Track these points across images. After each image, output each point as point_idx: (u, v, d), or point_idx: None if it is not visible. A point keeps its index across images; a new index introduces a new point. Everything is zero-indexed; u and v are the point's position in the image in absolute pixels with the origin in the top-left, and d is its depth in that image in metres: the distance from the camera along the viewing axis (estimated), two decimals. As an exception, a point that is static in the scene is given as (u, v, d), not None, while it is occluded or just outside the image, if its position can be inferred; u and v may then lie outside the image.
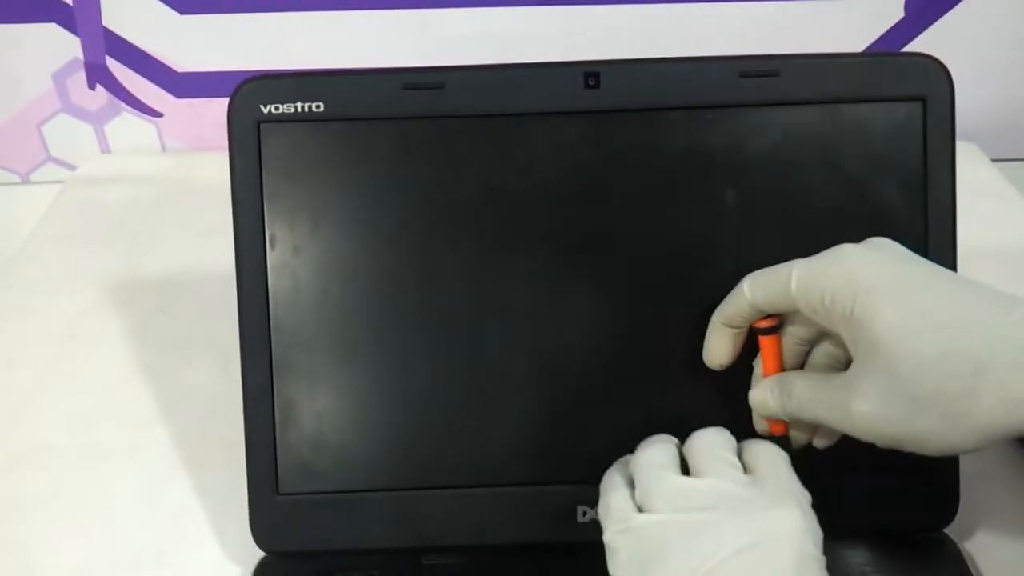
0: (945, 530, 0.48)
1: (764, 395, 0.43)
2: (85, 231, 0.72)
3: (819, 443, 0.44)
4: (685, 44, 0.75)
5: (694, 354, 0.46)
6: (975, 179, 0.46)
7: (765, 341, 0.43)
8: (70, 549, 0.49)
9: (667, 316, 0.46)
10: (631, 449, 0.46)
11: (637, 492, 0.39)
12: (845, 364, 0.41)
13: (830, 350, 0.43)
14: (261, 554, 0.47)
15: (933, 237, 0.46)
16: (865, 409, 0.38)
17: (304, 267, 0.46)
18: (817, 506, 0.38)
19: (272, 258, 0.46)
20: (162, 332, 0.63)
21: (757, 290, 0.42)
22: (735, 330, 0.44)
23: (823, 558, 0.37)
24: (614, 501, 0.39)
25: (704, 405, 0.46)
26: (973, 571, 0.46)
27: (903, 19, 0.75)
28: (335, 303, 0.46)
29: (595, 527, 0.46)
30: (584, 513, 0.46)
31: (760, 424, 0.44)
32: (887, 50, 0.75)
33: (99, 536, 0.50)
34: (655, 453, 0.40)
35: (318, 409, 0.46)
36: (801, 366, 0.44)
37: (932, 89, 0.46)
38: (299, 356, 0.46)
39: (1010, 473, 0.52)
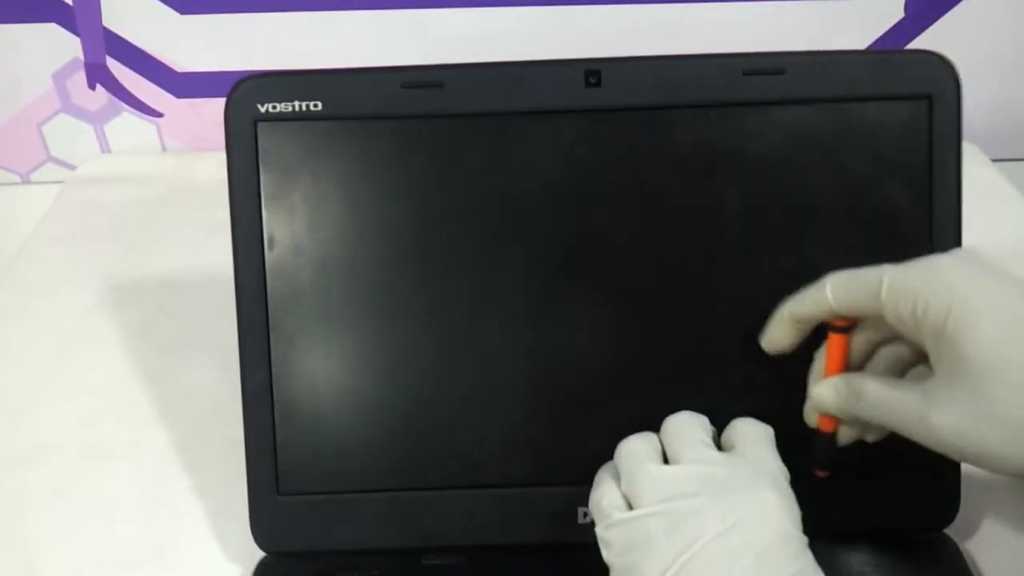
0: (946, 530, 0.48)
1: (829, 393, 0.42)
2: (85, 231, 0.72)
3: (869, 438, 0.44)
4: (684, 44, 0.75)
5: (694, 354, 0.46)
6: (975, 179, 0.46)
7: (836, 339, 0.42)
8: (70, 549, 0.49)
9: (667, 316, 0.46)
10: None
11: (623, 486, 0.40)
12: (908, 367, 0.42)
13: (897, 353, 0.42)
14: (261, 554, 0.47)
15: (938, 238, 0.45)
16: (945, 423, 0.38)
17: (303, 267, 0.46)
18: (817, 505, 0.38)
19: (270, 258, 0.46)
20: (162, 332, 0.63)
21: (841, 292, 0.41)
22: (803, 324, 0.43)
23: (803, 537, 0.37)
24: (602, 497, 0.40)
25: (704, 404, 0.46)
26: (973, 571, 0.46)
27: (903, 19, 0.75)
28: (334, 303, 0.46)
29: (594, 527, 0.46)
30: (584, 514, 0.46)
31: (811, 417, 0.44)
32: (894, 47, 0.75)
33: (99, 536, 0.50)
34: (635, 445, 0.41)
35: (318, 409, 0.46)
36: (861, 366, 0.43)
37: (939, 86, 0.45)
38: (299, 356, 0.46)
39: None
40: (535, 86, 0.45)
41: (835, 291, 0.41)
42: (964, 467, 0.47)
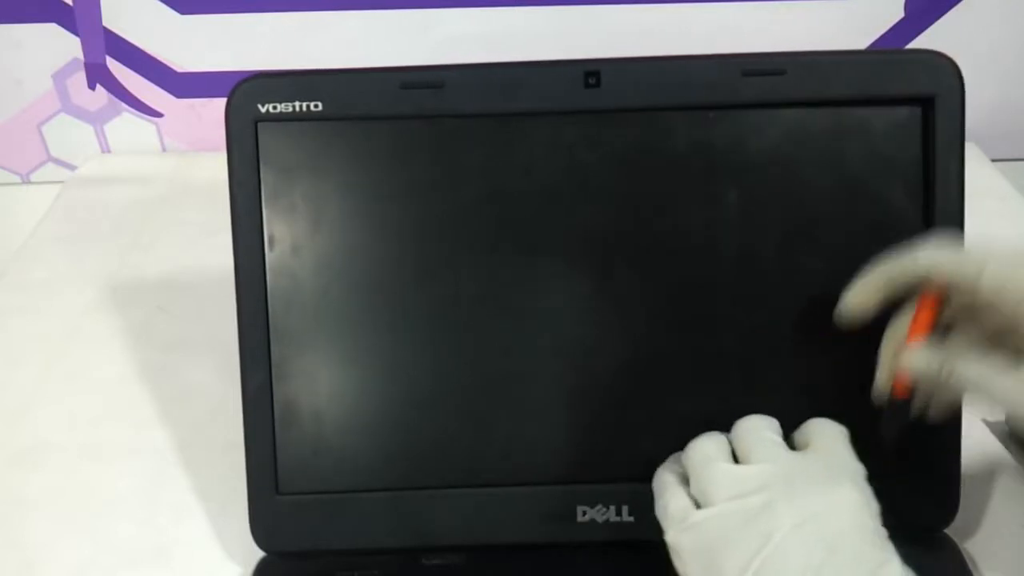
0: (945, 530, 0.48)
1: (920, 361, 0.41)
2: (85, 231, 0.72)
3: (936, 414, 0.43)
4: (684, 44, 0.75)
5: (694, 353, 0.46)
6: (975, 179, 0.46)
7: (928, 300, 0.42)
8: (71, 548, 0.49)
9: (667, 316, 0.46)
10: (630, 448, 0.46)
11: (692, 487, 0.40)
12: (982, 346, 0.41)
13: (977, 331, 0.42)
14: (261, 554, 0.47)
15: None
16: None
17: (303, 267, 0.46)
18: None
19: (271, 258, 0.46)
20: (162, 332, 0.63)
21: (940, 268, 0.41)
22: (892, 288, 0.42)
23: (883, 529, 0.37)
24: (671, 500, 0.40)
25: (704, 403, 0.46)
26: (973, 571, 0.46)
27: (903, 19, 0.75)
28: (334, 303, 0.46)
29: (594, 527, 0.46)
30: (584, 513, 0.46)
31: (885, 383, 0.43)
32: (896, 47, 0.75)
33: (99, 535, 0.50)
34: (705, 445, 0.40)
35: (318, 409, 0.46)
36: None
37: (942, 87, 0.45)
38: (299, 356, 0.46)
39: (1010, 474, 0.51)
40: (535, 86, 0.45)
41: (933, 265, 0.41)
42: (964, 467, 0.47)
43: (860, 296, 0.43)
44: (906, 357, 0.42)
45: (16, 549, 0.49)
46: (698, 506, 0.39)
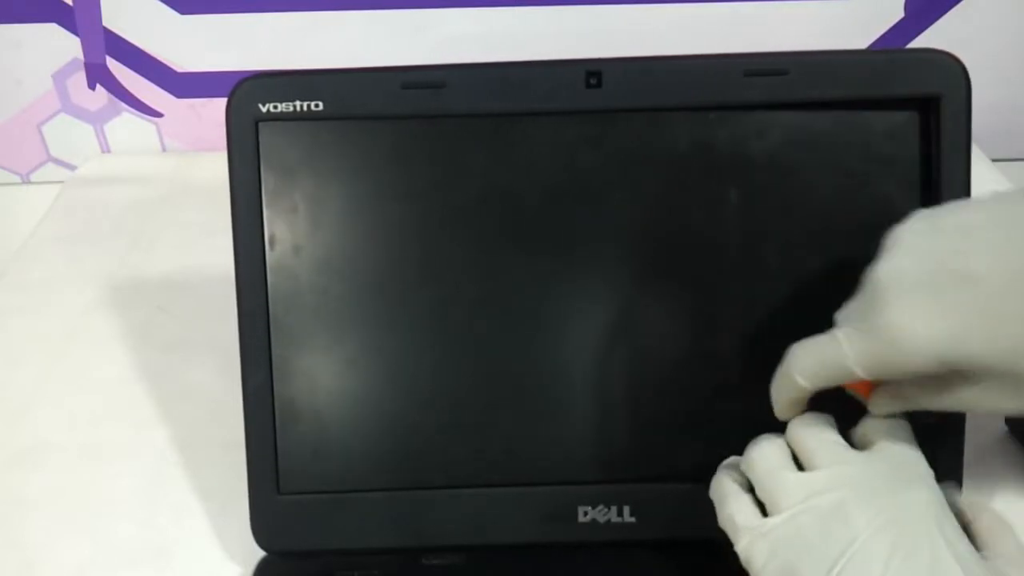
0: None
1: (885, 403, 0.40)
2: (85, 231, 0.72)
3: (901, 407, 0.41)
4: (684, 44, 0.75)
5: (695, 353, 0.46)
6: (975, 179, 0.46)
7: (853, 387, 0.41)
8: (70, 549, 0.49)
9: (667, 316, 0.46)
10: (631, 448, 0.46)
11: (758, 494, 0.39)
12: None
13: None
14: (261, 554, 0.47)
15: None
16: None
17: (303, 267, 0.46)
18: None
19: (271, 258, 0.46)
20: (162, 332, 0.63)
21: (816, 378, 0.39)
22: (802, 398, 0.41)
23: (959, 528, 0.37)
24: (738, 511, 0.39)
25: (705, 402, 0.46)
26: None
27: (903, 19, 0.75)
28: (334, 302, 0.46)
29: (595, 527, 0.46)
30: (585, 513, 0.46)
31: (794, 392, 0.41)
32: (896, 47, 0.75)
33: (99, 536, 0.50)
34: (767, 452, 0.40)
35: (318, 409, 0.46)
36: None
37: (948, 87, 0.44)
38: (299, 356, 0.46)
39: (1012, 473, 0.51)
40: (536, 86, 0.45)
41: (803, 375, 0.39)
42: (965, 467, 0.47)
43: (785, 413, 0.41)
44: (872, 405, 0.41)
45: (16, 549, 0.49)
46: (765, 514, 0.38)
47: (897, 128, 0.45)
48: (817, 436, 0.39)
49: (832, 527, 0.36)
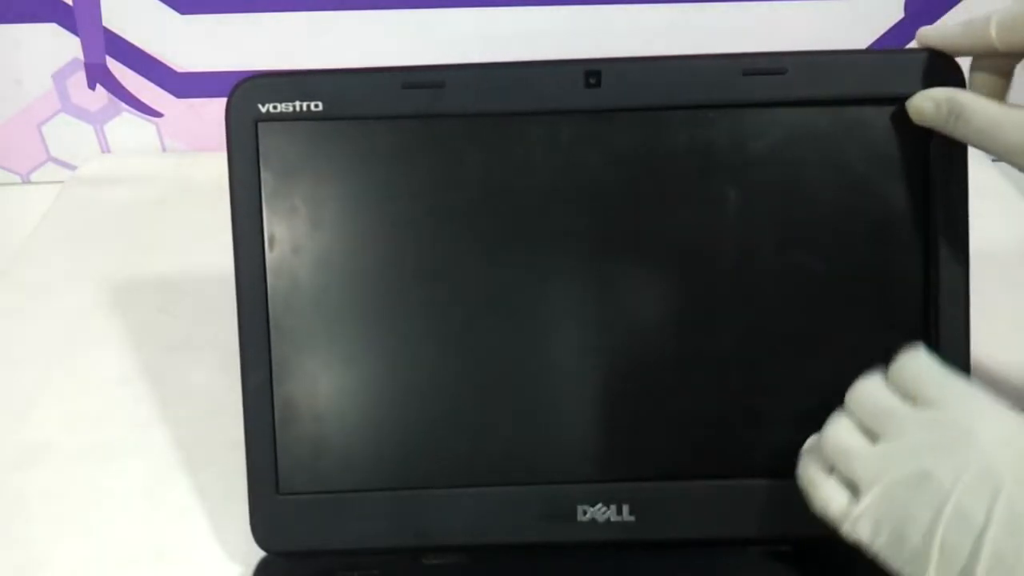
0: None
1: (927, 105, 0.43)
2: (85, 231, 0.72)
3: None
4: (684, 44, 0.75)
5: (694, 352, 0.46)
6: (975, 179, 0.46)
7: None
8: (70, 548, 0.49)
9: (668, 316, 0.46)
10: (631, 447, 0.46)
11: (841, 475, 0.40)
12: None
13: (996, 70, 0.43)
14: (261, 554, 0.47)
15: (944, 241, 0.45)
16: None
17: (303, 267, 0.46)
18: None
19: (271, 258, 0.46)
20: (162, 332, 0.63)
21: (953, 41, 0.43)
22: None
23: None
24: (829, 498, 0.40)
25: (705, 402, 0.46)
26: None
27: (903, 19, 0.75)
28: (334, 302, 0.46)
29: (595, 527, 0.46)
30: (584, 512, 0.46)
31: None
32: (896, 47, 0.75)
33: (99, 536, 0.50)
34: (839, 434, 0.40)
35: (318, 409, 0.46)
36: None
37: (946, 87, 0.44)
38: (299, 356, 0.46)
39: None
40: (535, 86, 0.45)
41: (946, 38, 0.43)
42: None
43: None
44: (912, 103, 0.43)
45: (16, 549, 0.49)
46: (858, 492, 0.39)
47: (894, 127, 0.45)
48: (880, 406, 0.40)
49: (921, 494, 0.36)
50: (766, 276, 0.46)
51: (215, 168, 0.47)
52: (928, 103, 0.43)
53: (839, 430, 0.40)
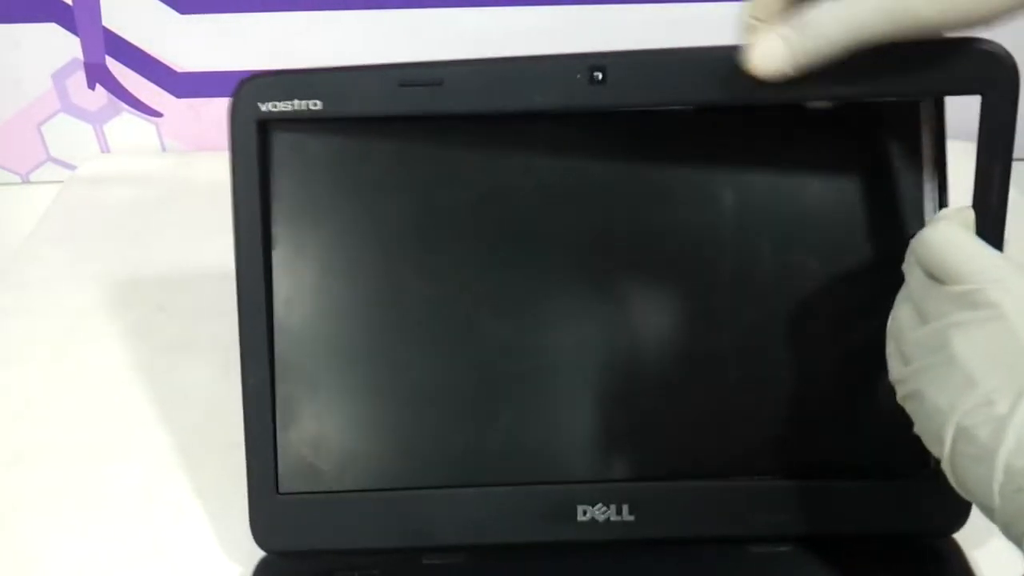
0: (954, 536, 0.47)
1: (777, 46, 0.40)
2: (85, 231, 0.72)
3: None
4: (688, 42, 0.74)
5: (694, 351, 0.46)
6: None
7: None
8: (70, 549, 0.49)
9: (669, 316, 0.46)
10: (630, 447, 0.46)
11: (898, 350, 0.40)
12: None
13: None
14: (261, 554, 0.47)
15: None
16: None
17: (305, 266, 0.46)
18: (821, 508, 0.38)
19: (272, 257, 0.46)
20: (162, 332, 0.63)
21: None
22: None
23: None
24: (892, 367, 0.40)
25: (704, 401, 0.46)
26: (979, 580, 0.46)
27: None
28: (335, 302, 0.46)
29: (594, 526, 0.46)
30: (584, 512, 0.46)
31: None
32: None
33: (99, 535, 0.50)
34: (899, 316, 0.40)
35: (318, 409, 0.46)
36: None
37: (994, 82, 0.42)
38: (299, 355, 0.46)
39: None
40: (537, 83, 0.44)
41: None
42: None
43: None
44: (756, 55, 0.40)
45: (16, 549, 0.49)
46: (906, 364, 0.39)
47: (897, 127, 0.45)
48: (925, 292, 0.39)
49: (952, 377, 0.36)
50: (770, 275, 0.46)
51: (215, 168, 0.47)
52: (776, 43, 0.40)
53: (901, 314, 0.40)
